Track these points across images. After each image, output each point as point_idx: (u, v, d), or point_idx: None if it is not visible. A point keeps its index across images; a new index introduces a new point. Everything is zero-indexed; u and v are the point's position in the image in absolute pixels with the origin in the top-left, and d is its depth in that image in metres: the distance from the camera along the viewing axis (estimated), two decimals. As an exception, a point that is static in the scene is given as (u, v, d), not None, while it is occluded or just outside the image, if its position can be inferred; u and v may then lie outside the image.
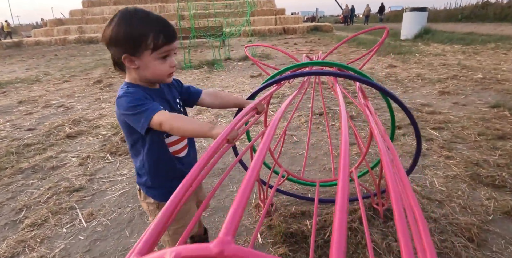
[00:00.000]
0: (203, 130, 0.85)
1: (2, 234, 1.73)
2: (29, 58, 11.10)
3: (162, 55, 0.93)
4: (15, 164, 2.56)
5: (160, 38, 0.90)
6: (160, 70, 0.95)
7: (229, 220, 0.38)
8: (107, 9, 19.38)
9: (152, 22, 0.91)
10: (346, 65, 1.40)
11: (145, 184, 1.09)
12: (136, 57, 0.92)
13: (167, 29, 0.92)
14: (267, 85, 1.35)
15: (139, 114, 0.88)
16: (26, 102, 4.61)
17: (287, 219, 1.73)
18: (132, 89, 0.94)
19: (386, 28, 1.97)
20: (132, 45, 0.90)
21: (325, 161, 2.40)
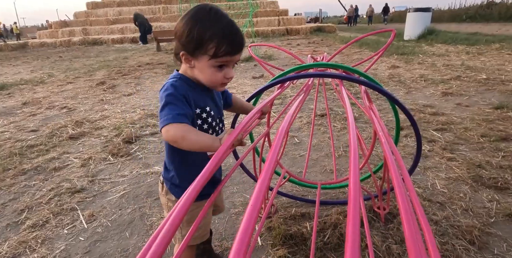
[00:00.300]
0: (214, 144, 0.84)
1: (4, 235, 1.74)
2: (33, 59, 11.21)
3: (220, 64, 0.90)
4: (18, 165, 2.58)
5: (223, 48, 0.87)
6: (213, 78, 0.92)
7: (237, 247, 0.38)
8: (111, 11, 19.51)
9: (220, 28, 0.87)
10: (352, 68, 1.40)
11: (170, 180, 1.07)
12: (194, 58, 0.91)
13: (233, 39, 0.88)
14: (272, 84, 1.35)
15: (167, 112, 0.86)
16: (30, 104, 4.65)
17: (287, 221, 1.72)
18: (180, 83, 0.93)
19: (393, 31, 1.97)
20: (193, 46, 0.88)
21: (326, 162, 2.39)
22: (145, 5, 19.42)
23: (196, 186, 0.72)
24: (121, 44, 16.09)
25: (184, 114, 0.88)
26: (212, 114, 1.01)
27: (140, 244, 1.62)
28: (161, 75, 6.54)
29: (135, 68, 7.58)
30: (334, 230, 1.59)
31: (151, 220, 1.81)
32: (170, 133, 0.84)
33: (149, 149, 2.80)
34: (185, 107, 0.90)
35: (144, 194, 2.08)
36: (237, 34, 0.89)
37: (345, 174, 2.18)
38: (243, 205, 1.91)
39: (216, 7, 0.92)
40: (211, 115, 1.00)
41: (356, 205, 0.53)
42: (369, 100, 1.55)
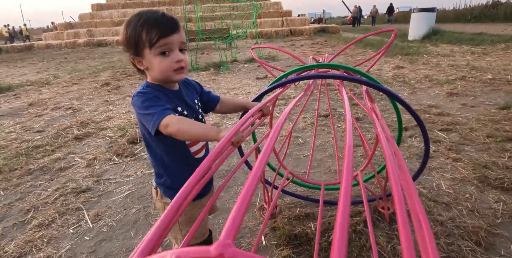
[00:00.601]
0: (210, 134, 0.84)
1: (11, 234, 1.76)
2: (39, 61, 11.32)
3: (161, 50, 0.91)
4: (24, 165, 2.61)
5: (153, 32, 0.89)
6: (163, 66, 0.92)
7: (230, 223, 0.39)
8: (116, 13, 19.66)
9: (147, 19, 0.90)
10: (352, 68, 1.39)
11: (163, 184, 1.08)
12: (141, 57, 0.94)
13: (160, 22, 0.90)
14: (272, 88, 1.36)
15: (150, 115, 0.88)
16: (36, 105, 4.70)
17: (291, 221, 1.72)
18: (148, 89, 0.94)
19: (394, 31, 1.96)
20: (133, 45, 0.92)
21: (330, 163, 2.38)
22: (149, 6, 19.53)
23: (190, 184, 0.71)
24: (126, 45, 16.18)
25: (167, 108, 0.90)
26: (184, 114, 1.01)
27: (144, 243, 1.62)
28: (165, 76, 6.57)
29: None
30: (338, 231, 1.58)
31: (156, 220, 1.82)
32: (170, 128, 0.85)
33: (153, 150, 2.81)
34: (165, 103, 0.92)
35: (148, 194, 2.09)
36: (163, 17, 0.91)
37: (350, 175, 2.17)
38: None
39: (143, 10, 0.96)
40: (184, 115, 1.01)
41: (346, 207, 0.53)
42: (371, 99, 1.55)
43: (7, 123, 3.83)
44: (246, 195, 0.49)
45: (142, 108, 0.90)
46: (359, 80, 1.32)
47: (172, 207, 0.55)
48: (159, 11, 0.94)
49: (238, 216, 0.42)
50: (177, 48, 0.94)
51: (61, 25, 19.95)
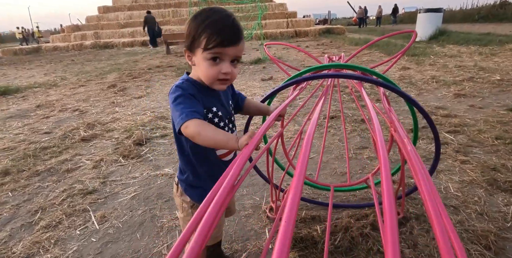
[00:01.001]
0: (230, 142, 0.84)
1: (18, 235, 1.77)
2: (47, 63, 11.45)
3: (213, 56, 0.90)
4: (32, 166, 2.63)
5: (213, 38, 0.88)
6: (208, 72, 0.92)
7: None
8: (122, 15, 19.84)
9: (213, 21, 0.89)
10: (370, 69, 1.38)
11: (185, 181, 1.09)
12: (192, 53, 0.94)
13: (224, 30, 0.89)
14: (289, 84, 1.35)
15: (178, 112, 0.88)
16: (43, 106, 4.75)
17: (297, 223, 1.71)
18: (186, 84, 0.95)
19: (414, 32, 1.95)
20: (190, 40, 0.92)
21: (336, 165, 2.37)
22: (155, 8, 19.67)
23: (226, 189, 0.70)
24: (132, 47, 16.33)
25: (197, 111, 0.89)
26: (219, 114, 1.02)
27: (150, 245, 1.63)
28: (171, 78, 6.60)
29: (145, 71, 7.68)
30: (345, 234, 1.57)
31: (162, 221, 1.82)
32: (189, 129, 0.86)
33: (159, 151, 2.82)
34: (196, 104, 0.92)
35: (154, 196, 2.10)
36: (230, 26, 0.90)
37: (356, 177, 2.15)
38: (253, 207, 1.90)
39: (218, 7, 0.94)
40: (218, 115, 1.01)
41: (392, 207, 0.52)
42: (388, 103, 1.54)
43: (15, 125, 3.87)
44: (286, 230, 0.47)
45: (174, 103, 0.91)
46: (378, 81, 1.31)
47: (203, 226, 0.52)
48: (231, 17, 0.91)
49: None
50: (229, 60, 0.93)
51: (68, 27, 20.18)
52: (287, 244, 0.43)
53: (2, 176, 2.50)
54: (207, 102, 0.98)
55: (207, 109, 0.98)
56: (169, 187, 2.21)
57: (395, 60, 2.60)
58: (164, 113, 3.96)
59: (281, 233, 0.46)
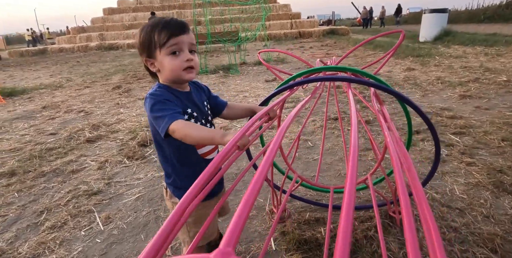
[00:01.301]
0: (215, 138, 0.85)
1: (24, 236, 1.79)
2: (53, 64, 11.56)
3: (171, 50, 0.95)
4: (37, 167, 2.66)
5: (164, 32, 0.94)
6: (173, 65, 0.95)
7: (231, 230, 0.38)
8: (127, 16, 19.97)
9: (158, 23, 0.96)
10: (360, 70, 1.38)
11: (172, 184, 1.11)
12: (153, 59, 0.98)
13: (168, 23, 0.95)
14: (280, 91, 1.35)
15: (161, 118, 0.90)
16: (49, 107, 4.80)
17: (301, 225, 1.71)
18: (159, 91, 0.97)
19: (402, 32, 1.94)
20: (146, 47, 0.97)
21: (340, 166, 2.36)
22: (159, 10, 19.78)
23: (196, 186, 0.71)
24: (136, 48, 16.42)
25: (177, 112, 0.93)
26: (194, 115, 1.04)
27: (154, 246, 1.63)
28: (175, 79, 6.63)
29: (150, 72, 7.71)
30: (349, 236, 1.56)
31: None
32: (177, 133, 0.88)
33: (163, 152, 2.83)
34: (174, 106, 0.95)
35: (158, 197, 2.11)
36: (171, 20, 0.96)
37: (359, 178, 2.14)
38: (256, 209, 1.90)
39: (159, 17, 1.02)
40: (194, 116, 1.04)
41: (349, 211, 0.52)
42: (380, 102, 1.53)
43: (21, 126, 3.91)
44: (247, 201, 0.48)
45: (153, 111, 0.93)
46: (366, 82, 1.30)
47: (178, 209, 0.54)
48: (170, 17, 0.99)
49: (238, 223, 0.41)
50: (187, 49, 0.97)
51: (74, 29, 20.36)
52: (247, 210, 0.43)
53: (9, 176, 2.52)
54: (181, 104, 1.01)
55: (183, 111, 1.01)
56: (173, 188, 2.21)
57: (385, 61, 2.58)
58: (168, 114, 3.97)
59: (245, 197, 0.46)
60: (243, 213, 0.43)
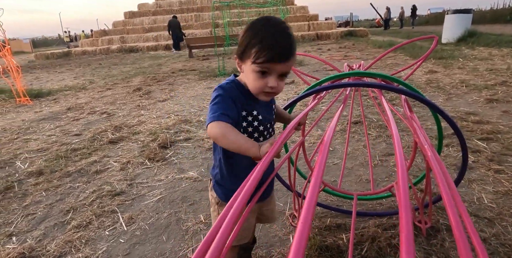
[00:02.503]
0: (251, 149, 0.86)
1: (52, 234, 1.85)
2: (76, 67, 11.96)
3: (261, 69, 0.91)
4: (63, 167, 2.75)
5: (263, 53, 0.88)
6: (256, 84, 0.93)
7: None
8: (147, 20, 20.42)
9: (266, 35, 0.89)
10: (391, 76, 1.36)
11: (215, 178, 1.13)
12: (242, 62, 0.96)
13: (274, 47, 0.88)
14: (308, 94, 1.35)
15: (211, 110, 0.92)
16: (73, 109, 4.96)
17: (321, 231, 1.69)
18: (229, 86, 0.98)
19: (436, 38, 1.90)
20: (241, 50, 0.94)
21: (361, 172, 2.32)
22: (178, 13, 20.11)
23: (245, 194, 0.73)
24: (155, 51, 16.76)
25: (228, 114, 0.91)
26: (259, 118, 1.02)
27: (176, 248, 1.66)
28: (194, 82, 6.72)
29: (169, 75, 7.85)
30: (372, 244, 1.53)
31: (187, 225, 1.85)
32: (213, 130, 0.89)
33: (183, 155, 2.87)
34: (230, 108, 0.93)
35: (179, 199, 2.14)
36: (281, 43, 0.89)
37: (382, 184, 2.10)
38: (277, 213, 1.90)
39: (275, 18, 0.93)
40: (258, 119, 1.02)
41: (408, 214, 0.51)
42: (410, 109, 1.50)
43: (48, 127, 4.07)
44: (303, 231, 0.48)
45: (212, 100, 0.95)
46: (399, 89, 1.28)
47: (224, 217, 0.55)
48: (285, 31, 0.90)
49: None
50: (277, 74, 0.92)
51: (96, 32, 21.01)
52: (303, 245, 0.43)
53: (37, 176, 2.62)
54: (248, 106, 0.99)
55: (248, 111, 0.99)
56: (193, 190, 2.24)
57: (416, 67, 2.53)
58: (187, 117, 4.03)
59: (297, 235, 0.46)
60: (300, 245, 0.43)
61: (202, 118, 3.94)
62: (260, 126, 1.03)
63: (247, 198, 0.68)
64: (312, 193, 0.55)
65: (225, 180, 1.10)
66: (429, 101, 1.11)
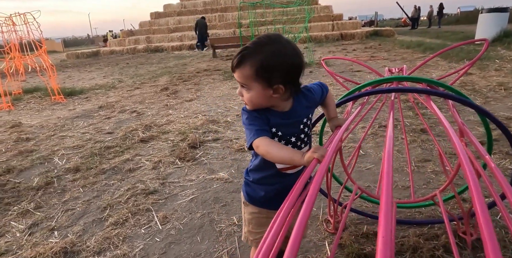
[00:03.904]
0: (295, 159, 0.89)
1: (91, 230, 1.92)
2: (105, 66, 12.37)
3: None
4: (98, 164, 2.84)
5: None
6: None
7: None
8: (172, 20, 20.82)
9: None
10: (437, 81, 1.30)
11: (245, 178, 1.18)
12: None
13: (233, 59, 0.96)
14: (350, 99, 1.32)
15: (248, 130, 0.97)
16: (105, 107, 5.12)
17: (358, 238, 1.65)
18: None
19: (486, 41, 1.82)
20: None
21: (397, 178, 2.25)
22: (202, 13, 20.37)
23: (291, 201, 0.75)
24: (180, 51, 17.06)
25: (264, 129, 0.97)
26: (279, 134, 1.04)
27: (211, 250, 1.67)
28: (219, 82, 6.78)
29: (194, 75, 7.96)
30: (413, 254, 1.48)
31: (220, 226, 1.86)
32: (259, 149, 0.94)
33: (212, 155, 2.90)
34: (262, 124, 0.98)
35: (211, 200, 2.15)
36: (236, 54, 0.95)
37: (420, 192, 2.03)
38: (310, 218, 1.87)
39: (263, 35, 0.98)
40: (278, 135, 1.04)
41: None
42: (458, 115, 1.43)
43: (81, 124, 4.22)
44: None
45: (244, 123, 1.01)
46: (447, 94, 1.23)
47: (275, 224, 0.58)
48: (251, 44, 0.95)
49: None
50: (240, 84, 0.99)
51: (123, 32, 21.65)
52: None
53: (74, 172, 2.73)
54: (270, 122, 1.01)
55: (271, 128, 1.01)
56: (224, 192, 2.25)
57: (462, 72, 2.43)
58: (215, 117, 4.06)
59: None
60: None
61: (229, 118, 3.96)
62: (281, 141, 1.04)
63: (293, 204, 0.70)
64: (386, 215, 0.53)
65: (253, 183, 1.15)
66: (478, 106, 1.06)
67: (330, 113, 1.20)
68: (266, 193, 1.11)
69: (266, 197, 1.12)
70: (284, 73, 0.94)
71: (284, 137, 1.04)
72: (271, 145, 0.92)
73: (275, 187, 1.10)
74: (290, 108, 1.04)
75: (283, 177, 1.09)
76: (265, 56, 0.91)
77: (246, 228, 1.21)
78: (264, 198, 1.12)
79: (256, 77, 0.92)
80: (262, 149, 0.93)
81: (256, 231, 1.18)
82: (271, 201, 1.11)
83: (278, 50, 0.92)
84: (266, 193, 1.11)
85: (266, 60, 0.91)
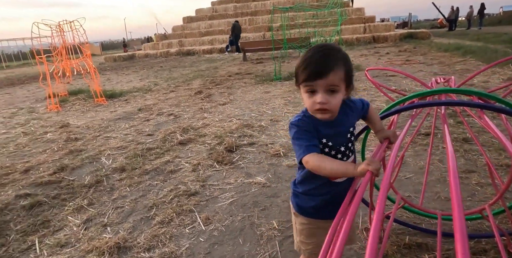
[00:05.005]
0: (348, 171, 0.93)
1: (140, 227, 2.05)
2: (140, 69, 12.93)
3: (308, 89, 1.00)
4: (142, 165, 3.01)
5: (302, 74, 0.99)
6: (307, 103, 1.03)
7: None
8: (203, 24, 21.36)
9: (304, 59, 1.00)
10: (489, 94, 1.29)
11: (294, 190, 1.22)
12: (298, 87, 1.05)
13: (307, 68, 0.97)
14: (397, 111, 1.33)
15: (297, 146, 1.01)
16: (143, 110, 5.38)
17: (401, 249, 1.64)
18: (301, 121, 1.04)
19: None
20: (294, 75, 1.05)
21: (439, 188, 2.21)
22: (233, 17, 20.74)
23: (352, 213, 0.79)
24: (210, 54, 17.47)
25: (312, 145, 1.00)
26: (329, 145, 1.07)
27: (253, 252, 1.73)
28: (250, 85, 6.88)
29: (226, 78, 8.14)
30: (460, 268, 1.46)
31: (261, 230, 1.92)
32: (309, 164, 0.98)
33: (249, 159, 2.98)
34: (311, 138, 1.02)
35: (250, 204, 2.22)
36: (314, 63, 0.96)
37: (465, 205, 1.98)
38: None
39: (324, 44, 1.03)
40: (329, 145, 1.07)
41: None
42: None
43: (123, 126, 4.47)
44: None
45: (293, 138, 1.04)
46: (502, 109, 1.21)
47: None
48: (323, 50, 0.98)
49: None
50: (322, 90, 0.97)
51: (157, 36, 22.52)
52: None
53: (120, 172, 2.91)
54: (317, 135, 1.04)
55: (318, 140, 1.04)
56: (263, 196, 2.32)
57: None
58: (249, 121, 4.15)
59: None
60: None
61: (263, 123, 4.04)
62: (332, 151, 1.07)
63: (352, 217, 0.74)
64: (462, 236, 0.55)
65: (300, 194, 1.18)
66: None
67: (376, 127, 1.22)
68: (316, 203, 1.15)
69: (316, 207, 1.15)
70: (351, 74, 1.02)
71: (335, 147, 1.08)
72: (321, 160, 0.96)
73: (324, 197, 1.14)
74: (336, 116, 1.07)
75: (334, 186, 1.12)
76: (345, 57, 1.00)
77: (298, 238, 1.25)
78: (314, 209, 1.15)
79: (345, 77, 0.99)
80: (312, 165, 0.97)
81: (307, 242, 1.21)
82: (320, 210, 1.15)
83: (346, 54, 1.02)
84: (316, 203, 1.15)
85: (348, 61, 1.00)
